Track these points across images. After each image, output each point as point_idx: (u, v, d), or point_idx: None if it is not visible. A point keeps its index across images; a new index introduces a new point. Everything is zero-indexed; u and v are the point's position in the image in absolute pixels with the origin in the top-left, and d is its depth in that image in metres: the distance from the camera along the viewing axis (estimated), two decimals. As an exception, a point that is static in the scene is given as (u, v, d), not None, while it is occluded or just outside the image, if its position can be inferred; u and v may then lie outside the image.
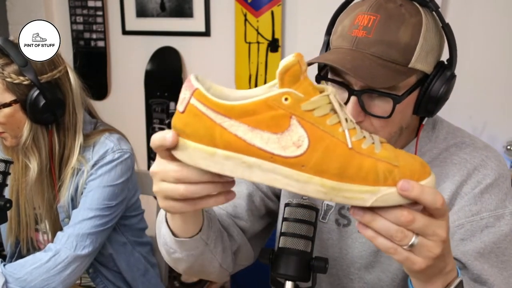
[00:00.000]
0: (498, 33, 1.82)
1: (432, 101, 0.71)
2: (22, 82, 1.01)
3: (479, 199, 0.75)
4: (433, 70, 0.71)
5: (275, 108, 0.46)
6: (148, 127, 2.45)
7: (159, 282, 1.34)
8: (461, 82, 1.89)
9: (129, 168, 1.14)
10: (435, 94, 0.70)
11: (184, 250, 0.68)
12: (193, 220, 0.65)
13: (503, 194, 0.76)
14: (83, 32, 2.45)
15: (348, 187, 0.47)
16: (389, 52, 0.66)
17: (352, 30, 0.68)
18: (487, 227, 0.74)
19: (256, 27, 2.11)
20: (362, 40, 0.67)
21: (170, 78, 2.35)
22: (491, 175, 0.76)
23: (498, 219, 0.74)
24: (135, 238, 1.27)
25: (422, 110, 0.73)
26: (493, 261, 0.73)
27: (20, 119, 1.04)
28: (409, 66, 0.67)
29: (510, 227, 0.75)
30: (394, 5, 0.68)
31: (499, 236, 0.74)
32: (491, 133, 1.90)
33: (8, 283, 1.01)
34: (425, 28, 0.68)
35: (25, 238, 1.20)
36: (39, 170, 1.09)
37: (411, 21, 0.67)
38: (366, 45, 0.67)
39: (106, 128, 1.18)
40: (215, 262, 0.74)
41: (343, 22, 0.71)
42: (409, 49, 0.66)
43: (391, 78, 0.66)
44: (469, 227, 0.74)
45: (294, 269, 0.64)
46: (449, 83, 0.71)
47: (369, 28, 0.67)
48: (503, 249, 0.74)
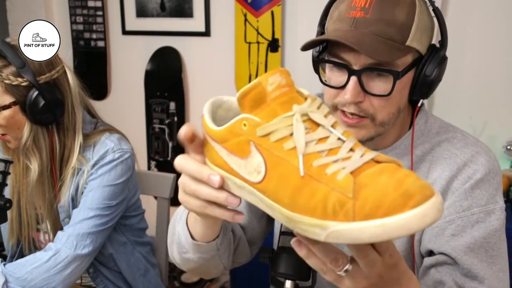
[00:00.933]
0: (498, 33, 1.82)
1: (426, 83, 0.74)
2: (21, 83, 1.01)
3: (470, 194, 0.76)
4: (427, 52, 0.74)
5: (238, 134, 0.46)
6: (148, 127, 2.45)
7: (159, 282, 1.34)
8: (461, 82, 1.90)
9: (129, 168, 1.14)
10: (430, 74, 0.73)
11: (198, 253, 0.71)
12: (213, 227, 0.67)
13: (493, 189, 0.76)
14: (83, 32, 2.45)
15: (299, 218, 0.43)
16: (387, 31, 0.68)
17: (349, 12, 0.70)
18: (478, 222, 0.75)
19: (256, 27, 2.11)
20: (360, 20, 0.69)
21: (170, 78, 2.35)
22: (481, 170, 0.76)
23: (488, 214, 0.75)
24: (135, 238, 1.27)
25: (417, 92, 0.75)
26: (483, 255, 0.74)
27: (20, 120, 1.04)
28: (406, 44, 0.69)
29: (500, 222, 0.76)
30: None
31: (490, 231, 0.74)
32: (491, 133, 1.90)
33: (8, 283, 1.01)
34: (419, 9, 0.71)
35: (26, 238, 1.20)
36: (40, 171, 1.09)
37: (406, 1, 0.69)
38: (365, 24, 0.68)
39: (107, 128, 1.18)
40: (221, 265, 0.77)
41: (339, 7, 0.73)
42: (405, 27, 0.69)
43: (392, 53, 0.68)
44: (460, 223, 0.75)
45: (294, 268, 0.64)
46: (442, 64, 0.75)
47: (367, 9, 0.68)
48: (492, 244, 0.75)
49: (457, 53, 1.88)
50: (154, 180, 1.38)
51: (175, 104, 2.36)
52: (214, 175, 0.49)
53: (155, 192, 1.38)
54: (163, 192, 1.36)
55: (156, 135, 2.44)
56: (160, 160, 2.45)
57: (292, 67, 2.13)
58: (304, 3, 2.06)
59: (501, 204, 0.76)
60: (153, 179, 1.39)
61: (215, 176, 0.49)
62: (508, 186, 1.71)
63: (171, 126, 2.40)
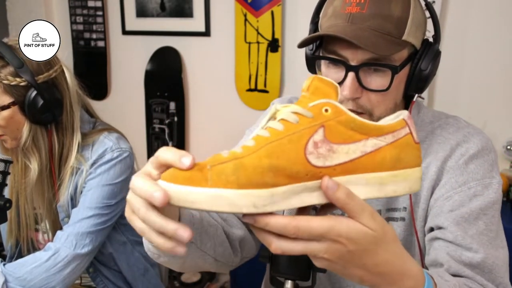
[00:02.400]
0: (498, 33, 1.82)
1: (422, 78, 0.74)
2: (19, 83, 1.01)
3: (465, 169, 0.76)
4: (421, 46, 0.75)
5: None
6: (148, 127, 2.45)
7: (159, 282, 1.34)
8: (461, 82, 1.90)
9: (128, 167, 1.14)
10: (425, 68, 0.74)
11: (167, 255, 0.65)
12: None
13: (488, 165, 0.77)
14: (83, 32, 2.45)
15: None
16: (384, 25, 0.68)
17: (345, 7, 0.70)
18: (476, 195, 0.75)
19: (256, 27, 2.11)
20: (356, 15, 0.69)
21: (170, 78, 2.35)
22: (474, 147, 0.77)
23: (486, 187, 0.75)
24: (135, 237, 1.27)
25: (413, 87, 0.75)
26: (482, 228, 0.73)
27: (19, 120, 1.04)
28: (402, 38, 0.70)
29: (498, 196, 0.76)
30: None
31: (487, 203, 0.74)
32: (491, 133, 1.89)
33: (8, 282, 1.01)
34: (413, 3, 0.71)
35: (25, 239, 1.20)
36: (40, 171, 1.09)
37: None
38: (361, 19, 0.69)
39: (105, 127, 1.18)
40: (208, 257, 0.72)
41: (334, 2, 0.73)
42: (401, 22, 0.69)
43: (390, 47, 0.68)
44: (457, 198, 0.75)
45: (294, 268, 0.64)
46: (436, 58, 0.75)
47: (363, 4, 0.69)
48: (491, 217, 0.74)
49: (457, 53, 1.88)
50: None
51: (175, 104, 2.36)
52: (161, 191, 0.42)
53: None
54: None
55: (156, 135, 2.44)
56: (160, 160, 2.45)
57: (292, 67, 2.13)
58: (304, 3, 2.06)
59: (498, 179, 0.77)
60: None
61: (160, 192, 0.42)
62: (508, 186, 1.71)
63: (171, 126, 2.40)
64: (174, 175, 0.43)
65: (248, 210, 0.42)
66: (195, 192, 0.41)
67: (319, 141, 0.45)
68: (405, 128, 0.49)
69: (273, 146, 0.44)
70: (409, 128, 0.49)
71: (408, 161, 0.48)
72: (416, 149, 0.49)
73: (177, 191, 0.42)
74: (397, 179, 0.48)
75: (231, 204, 0.42)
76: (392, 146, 0.48)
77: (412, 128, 0.49)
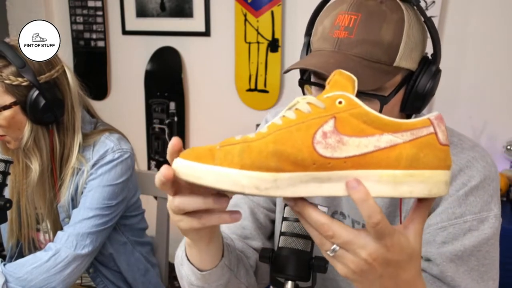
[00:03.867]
0: (498, 33, 1.82)
1: (419, 98, 0.70)
2: (21, 83, 1.01)
3: (464, 201, 0.73)
4: (418, 66, 0.69)
5: None
6: (148, 127, 2.45)
7: (159, 282, 1.34)
8: (461, 82, 1.90)
9: (129, 168, 1.14)
10: (421, 91, 0.69)
11: (213, 282, 0.68)
12: (212, 248, 0.64)
13: (488, 196, 0.73)
14: (83, 32, 2.45)
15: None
16: (372, 52, 0.64)
17: (333, 31, 0.66)
18: (471, 230, 0.72)
19: (256, 27, 2.11)
20: (344, 41, 0.65)
21: (170, 78, 2.35)
22: (477, 177, 0.73)
23: (482, 222, 0.72)
24: (135, 238, 1.27)
25: (409, 108, 0.72)
26: (474, 264, 0.72)
27: (20, 120, 1.04)
28: (394, 65, 0.65)
29: (494, 230, 0.73)
30: (375, 2, 0.66)
31: (481, 239, 0.72)
32: (491, 133, 1.90)
33: (8, 283, 1.01)
34: (408, 24, 0.66)
35: (26, 238, 1.20)
36: (41, 171, 1.09)
37: (392, 18, 0.65)
38: (349, 46, 0.65)
39: (106, 127, 1.18)
40: (242, 286, 0.75)
41: (323, 22, 0.69)
42: (393, 47, 0.65)
43: (377, 79, 0.64)
44: (451, 230, 0.72)
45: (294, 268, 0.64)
46: (435, 78, 0.70)
47: (351, 28, 0.65)
48: (484, 253, 0.72)
49: (457, 53, 1.88)
50: (154, 180, 1.37)
51: (175, 104, 2.36)
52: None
53: (155, 192, 1.38)
54: (163, 192, 1.36)
55: (156, 135, 2.44)
56: (160, 160, 2.45)
57: (292, 67, 2.13)
58: (304, 3, 2.06)
59: (495, 211, 0.74)
60: (153, 179, 1.37)
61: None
62: (508, 186, 1.71)
63: (171, 126, 2.40)
64: (188, 153, 0.46)
65: (251, 191, 0.44)
66: (202, 169, 0.44)
67: (329, 131, 0.44)
68: (429, 127, 0.46)
69: (282, 133, 0.45)
70: (434, 128, 0.46)
71: (428, 162, 0.45)
72: (441, 151, 0.46)
73: (187, 166, 0.45)
74: (413, 179, 0.45)
75: (234, 183, 0.43)
76: (410, 144, 0.45)
77: (439, 128, 0.46)
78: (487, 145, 1.91)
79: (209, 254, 0.65)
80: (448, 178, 0.46)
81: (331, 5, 0.70)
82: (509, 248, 1.53)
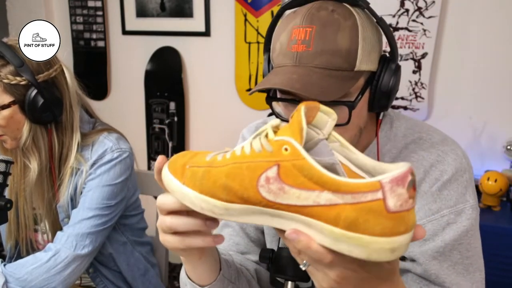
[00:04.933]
0: (498, 33, 1.82)
1: (383, 97, 0.71)
2: (20, 82, 1.01)
3: (438, 196, 0.74)
4: (378, 66, 0.70)
5: None
6: (148, 127, 2.45)
7: (159, 282, 1.34)
8: (461, 82, 1.90)
9: (128, 167, 1.14)
10: (385, 89, 0.70)
11: None
12: (206, 262, 0.66)
13: (462, 188, 0.75)
14: (83, 32, 2.45)
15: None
16: (332, 61, 0.65)
17: (291, 46, 0.67)
18: (449, 224, 0.73)
19: (256, 27, 2.11)
20: (303, 55, 0.65)
21: (170, 78, 2.35)
22: (449, 171, 0.75)
23: (459, 214, 0.73)
24: (135, 237, 1.27)
25: (376, 107, 0.73)
26: (457, 258, 0.73)
27: (19, 120, 1.04)
28: (355, 69, 0.66)
29: (472, 221, 0.74)
30: (326, 12, 0.66)
31: (461, 232, 0.73)
32: (491, 133, 1.90)
33: (8, 283, 1.01)
34: (361, 28, 0.67)
35: (24, 239, 1.20)
36: (40, 171, 1.09)
37: (346, 24, 0.66)
38: (309, 58, 0.65)
39: (105, 127, 1.18)
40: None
41: (280, 38, 0.69)
42: (351, 53, 0.65)
43: (342, 87, 0.65)
44: (430, 227, 0.73)
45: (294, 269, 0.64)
46: (396, 74, 0.71)
47: (308, 41, 0.65)
48: (466, 245, 0.73)
49: (457, 53, 1.88)
50: (154, 180, 1.37)
51: (175, 104, 2.36)
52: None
53: (155, 192, 1.38)
54: (163, 192, 1.36)
55: (156, 135, 2.44)
56: (160, 160, 2.45)
57: (292, 67, 2.13)
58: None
59: (471, 202, 0.75)
60: (153, 179, 1.38)
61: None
62: (508, 186, 1.71)
63: (171, 126, 2.40)
64: (172, 162, 0.52)
65: (209, 213, 0.47)
66: (174, 184, 0.50)
67: (272, 177, 0.44)
68: (376, 192, 0.41)
69: (235, 167, 0.46)
70: (383, 193, 0.41)
71: (369, 228, 0.41)
72: (388, 219, 0.41)
73: (166, 176, 0.51)
74: (350, 241, 0.42)
75: (194, 204, 0.48)
76: (351, 207, 0.41)
77: (392, 193, 0.41)
78: (487, 145, 1.91)
79: (204, 269, 0.66)
80: (396, 245, 0.42)
81: (284, 20, 0.71)
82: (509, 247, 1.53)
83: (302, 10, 0.68)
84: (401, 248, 0.42)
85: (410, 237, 0.43)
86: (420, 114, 1.93)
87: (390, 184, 0.41)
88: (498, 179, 1.68)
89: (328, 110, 0.48)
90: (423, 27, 1.86)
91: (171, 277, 2.37)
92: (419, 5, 1.85)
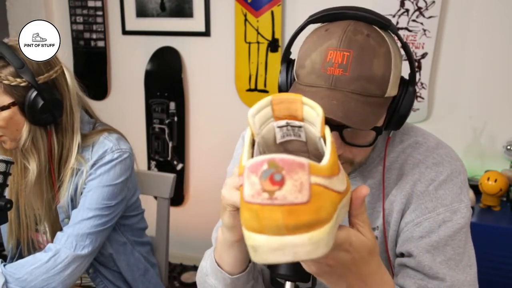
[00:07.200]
0: (498, 33, 1.82)
1: (400, 119, 0.74)
2: (20, 84, 1.01)
3: (434, 195, 0.77)
4: (398, 90, 0.73)
5: None
6: (148, 127, 2.45)
7: (159, 282, 1.34)
8: (461, 82, 1.90)
9: (128, 168, 1.14)
10: (403, 113, 0.73)
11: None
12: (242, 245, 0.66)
13: (457, 188, 0.77)
14: (83, 32, 2.45)
15: None
16: (367, 87, 0.66)
17: (326, 68, 0.67)
18: (444, 221, 0.76)
19: (256, 27, 2.11)
20: (340, 79, 0.66)
21: (170, 78, 2.35)
22: (444, 172, 0.78)
23: (454, 212, 0.76)
24: (135, 238, 1.27)
25: (391, 127, 0.75)
26: (450, 253, 0.75)
27: (19, 121, 1.04)
28: (385, 96, 0.68)
29: (465, 220, 0.77)
30: (362, 36, 0.67)
31: (455, 229, 0.75)
32: (491, 133, 1.90)
33: (8, 283, 1.01)
34: (394, 55, 0.69)
35: (25, 239, 1.20)
36: (39, 172, 1.09)
37: (381, 51, 0.67)
38: (345, 83, 0.66)
39: (105, 128, 1.18)
40: None
41: (312, 56, 0.69)
42: (384, 80, 0.67)
43: (377, 114, 0.68)
44: (427, 224, 0.76)
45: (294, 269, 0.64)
46: (413, 97, 0.74)
47: (345, 66, 0.65)
48: (458, 241, 0.76)
49: (457, 53, 1.88)
50: (154, 180, 1.38)
51: (175, 104, 2.36)
52: None
53: (155, 192, 1.38)
54: (163, 192, 1.36)
55: (156, 135, 2.44)
56: (160, 160, 2.45)
57: (292, 67, 2.13)
58: (304, 3, 2.06)
59: (466, 202, 0.78)
60: (153, 179, 1.39)
61: None
62: (508, 186, 1.71)
63: (171, 126, 2.40)
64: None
65: None
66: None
67: None
68: (242, 176, 0.39)
69: None
70: (243, 179, 0.38)
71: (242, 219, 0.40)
72: (244, 209, 0.38)
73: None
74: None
75: None
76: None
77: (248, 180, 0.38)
78: (487, 145, 1.91)
79: (240, 251, 0.68)
80: (255, 243, 0.37)
81: (316, 38, 0.70)
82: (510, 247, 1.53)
83: (336, 31, 0.68)
84: (263, 248, 0.37)
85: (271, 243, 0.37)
86: (420, 114, 1.93)
87: (248, 170, 0.37)
88: (498, 179, 1.68)
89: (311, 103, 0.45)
90: (423, 27, 1.86)
91: (171, 277, 2.37)
92: (419, 5, 1.85)
